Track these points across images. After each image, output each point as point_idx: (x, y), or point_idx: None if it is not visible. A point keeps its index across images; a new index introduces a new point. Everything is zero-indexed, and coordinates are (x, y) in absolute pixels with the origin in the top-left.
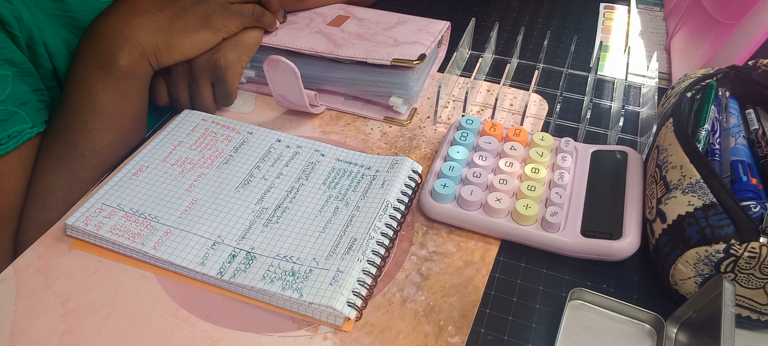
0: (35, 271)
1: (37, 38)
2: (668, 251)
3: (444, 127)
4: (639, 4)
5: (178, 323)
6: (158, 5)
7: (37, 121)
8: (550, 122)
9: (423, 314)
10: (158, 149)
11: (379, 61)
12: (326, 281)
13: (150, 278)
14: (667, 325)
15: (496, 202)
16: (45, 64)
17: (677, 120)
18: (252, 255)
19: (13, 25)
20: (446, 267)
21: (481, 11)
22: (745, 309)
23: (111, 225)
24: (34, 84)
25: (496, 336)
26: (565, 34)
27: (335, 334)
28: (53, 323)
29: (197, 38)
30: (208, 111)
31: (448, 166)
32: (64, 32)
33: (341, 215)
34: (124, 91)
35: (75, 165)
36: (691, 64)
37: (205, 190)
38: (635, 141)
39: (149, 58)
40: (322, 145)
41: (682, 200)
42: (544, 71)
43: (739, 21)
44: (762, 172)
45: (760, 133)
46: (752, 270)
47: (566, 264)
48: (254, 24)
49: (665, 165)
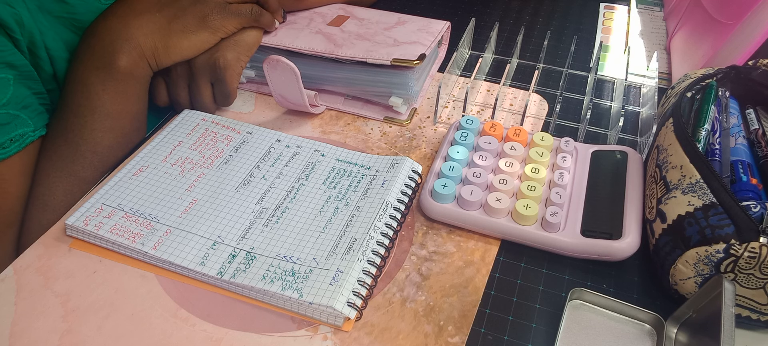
0: (35, 271)
1: (39, 41)
2: (668, 251)
3: (444, 127)
4: (639, 4)
5: (178, 323)
6: (156, 6)
7: (38, 124)
8: (550, 122)
9: (423, 314)
10: (158, 149)
11: (379, 61)
12: (326, 281)
13: (150, 278)
14: (667, 325)
15: (496, 202)
16: (46, 67)
17: (677, 120)
18: (252, 255)
19: (14, 28)
20: (446, 267)
21: (481, 11)
22: (745, 309)
23: (111, 225)
24: (34, 87)
25: (496, 336)
26: (565, 34)
27: (335, 334)
28: (53, 323)
29: (195, 39)
30: (208, 111)
31: (448, 166)
32: (67, 33)
33: (341, 215)
34: (123, 91)
35: (75, 166)
36: (691, 64)
37: (205, 190)
38: (635, 141)
39: (148, 59)
40: (322, 145)
41: (682, 200)
42: (544, 71)
43: (739, 21)
44: (762, 172)
45: (760, 133)
46: (752, 270)
47: (566, 264)
48: (252, 24)
49: (665, 165)
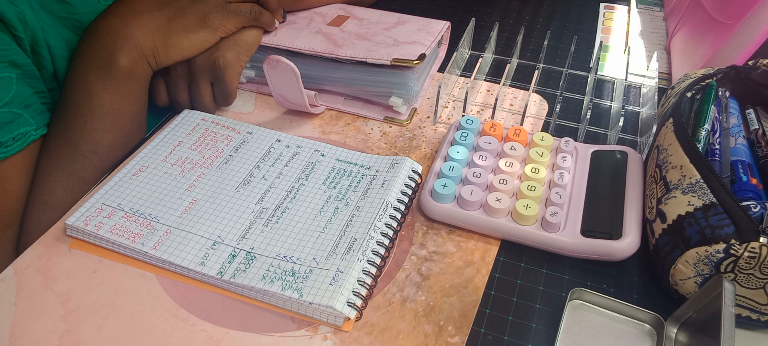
0: (35, 271)
1: (41, 40)
2: (668, 251)
3: (444, 127)
4: (639, 4)
5: (178, 323)
6: (156, 5)
7: (40, 123)
8: (550, 122)
9: (423, 314)
10: (158, 149)
11: (379, 61)
12: (326, 281)
13: (150, 278)
14: (667, 325)
15: (496, 202)
16: (47, 66)
17: (677, 120)
18: (252, 255)
19: (17, 27)
20: (446, 267)
21: (481, 11)
22: (745, 309)
23: (111, 225)
24: (36, 86)
25: (496, 336)
26: (565, 34)
27: (335, 334)
28: (53, 323)
29: (195, 38)
30: (208, 111)
31: (448, 166)
32: (68, 34)
33: (341, 215)
34: (123, 91)
35: (75, 165)
36: (691, 64)
37: (205, 190)
38: (635, 141)
39: (148, 59)
40: (322, 145)
41: (682, 200)
42: (544, 71)
43: (739, 21)
44: (762, 172)
45: (760, 133)
46: (752, 270)
47: (566, 264)
48: (252, 23)
49: (665, 165)
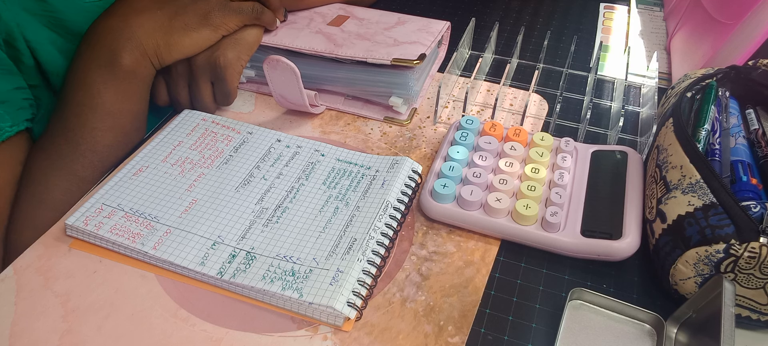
0: (35, 271)
1: (17, 34)
2: (668, 251)
3: (444, 127)
4: (639, 4)
5: (178, 323)
6: (157, 4)
7: (17, 119)
8: (550, 122)
9: (423, 314)
10: (158, 149)
11: (379, 61)
12: (326, 281)
13: (150, 278)
14: (667, 325)
15: (496, 202)
16: (26, 60)
17: (677, 120)
18: (252, 255)
19: None
20: (446, 267)
21: (481, 11)
22: (745, 309)
23: (111, 225)
24: (15, 82)
25: (496, 336)
26: (565, 34)
27: (335, 334)
28: (53, 323)
29: (197, 36)
30: (208, 111)
31: (448, 166)
32: (46, 31)
33: (341, 215)
34: (126, 90)
35: (75, 165)
36: (691, 64)
37: (205, 190)
38: (635, 141)
39: (151, 58)
40: (322, 145)
41: (682, 200)
42: (544, 71)
43: (739, 21)
44: (762, 172)
45: (760, 133)
46: (752, 270)
47: (566, 264)
48: (254, 22)
49: (665, 165)
